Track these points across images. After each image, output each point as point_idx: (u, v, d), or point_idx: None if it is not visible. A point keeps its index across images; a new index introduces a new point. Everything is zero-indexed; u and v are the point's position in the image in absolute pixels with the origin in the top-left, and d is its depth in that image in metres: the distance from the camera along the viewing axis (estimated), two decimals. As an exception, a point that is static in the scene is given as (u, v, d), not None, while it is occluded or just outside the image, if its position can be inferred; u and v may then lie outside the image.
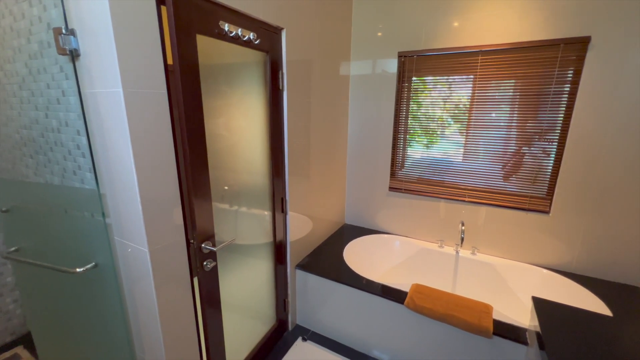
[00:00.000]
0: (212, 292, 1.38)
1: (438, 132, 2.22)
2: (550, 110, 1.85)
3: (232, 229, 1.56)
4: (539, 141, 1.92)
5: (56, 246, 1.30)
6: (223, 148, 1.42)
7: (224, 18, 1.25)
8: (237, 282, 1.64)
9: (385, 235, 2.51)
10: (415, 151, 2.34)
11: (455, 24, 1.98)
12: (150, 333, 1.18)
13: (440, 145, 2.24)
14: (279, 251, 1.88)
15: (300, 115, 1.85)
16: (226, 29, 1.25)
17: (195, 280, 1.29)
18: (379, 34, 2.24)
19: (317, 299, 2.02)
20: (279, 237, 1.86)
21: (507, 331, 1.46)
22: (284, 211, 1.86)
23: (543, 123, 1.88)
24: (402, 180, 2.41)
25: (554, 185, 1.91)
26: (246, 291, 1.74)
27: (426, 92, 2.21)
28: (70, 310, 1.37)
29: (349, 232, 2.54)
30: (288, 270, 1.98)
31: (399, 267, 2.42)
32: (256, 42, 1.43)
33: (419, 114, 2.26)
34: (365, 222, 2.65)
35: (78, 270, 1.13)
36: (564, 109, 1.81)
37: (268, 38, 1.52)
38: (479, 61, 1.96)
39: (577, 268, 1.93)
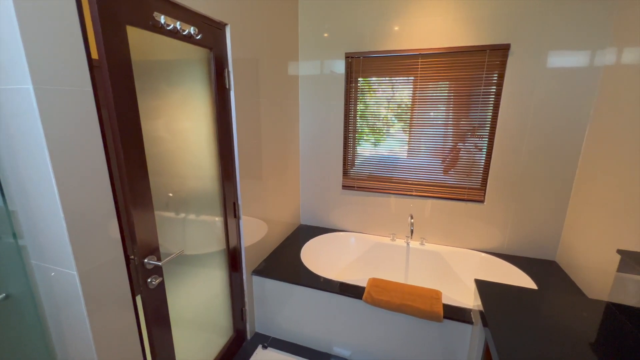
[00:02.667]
0: (159, 311, 1.26)
1: (384, 131, 2.33)
2: (480, 110, 2.05)
3: (179, 239, 1.44)
4: (472, 137, 2.12)
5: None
6: (165, 152, 1.30)
7: (159, 9, 1.14)
8: (189, 296, 1.52)
9: (341, 233, 2.55)
10: (365, 149, 2.41)
11: (396, 28, 2.09)
12: (85, 367, 1.03)
13: (386, 143, 2.34)
14: (233, 258, 1.79)
15: (249, 115, 1.78)
16: (162, 21, 1.14)
17: (139, 298, 1.16)
18: (326, 34, 2.26)
19: (276, 304, 1.97)
20: (233, 243, 1.77)
21: (455, 313, 1.58)
22: (236, 216, 1.77)
23: (474, 121, 2.08)
24: (354, 178, 2.47)
25: (487, 176, 2.12)
26: (199, 304, 1.62)
27: (371, 92, 2.30)
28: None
29: (305, 233, 2.53)
30: (244, 277, 1.90)
31: (356, 262, 2.48)
32: (198, 38, 1.33)
33: (366, 113, 2.34)
34: (321, 221, 2.66)
35: (-18, 304, 0.93)
36: (491, 108, 2.02)
37: (211, 34, 1.43)
38: (420, 64, 2.09)
39: (508, 249, 2.18)
